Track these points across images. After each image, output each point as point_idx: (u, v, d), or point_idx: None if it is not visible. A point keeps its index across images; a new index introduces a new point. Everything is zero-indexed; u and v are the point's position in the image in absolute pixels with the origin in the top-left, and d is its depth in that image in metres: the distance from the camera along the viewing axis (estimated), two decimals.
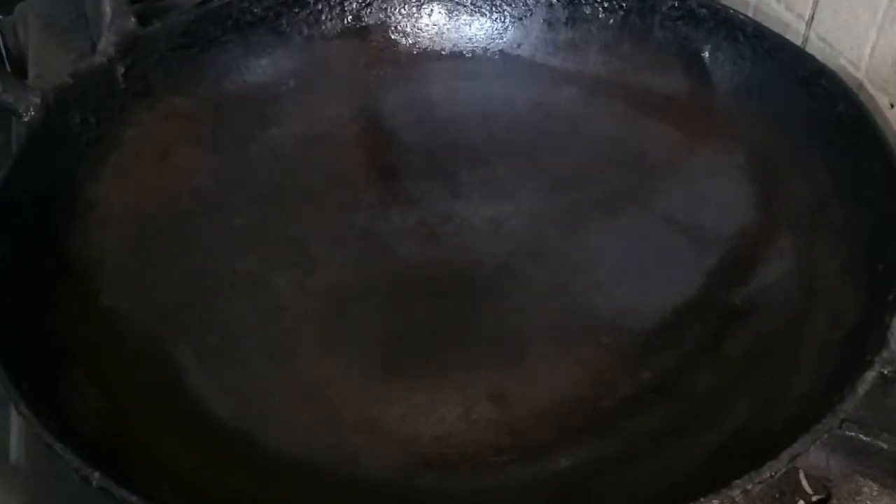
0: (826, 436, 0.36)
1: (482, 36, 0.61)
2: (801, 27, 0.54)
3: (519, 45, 0.60)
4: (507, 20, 0.60)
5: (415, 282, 0.54)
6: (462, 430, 0.48)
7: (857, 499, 0.41)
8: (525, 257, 0.55)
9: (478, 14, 0.61)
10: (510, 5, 0.60)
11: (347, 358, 0.50)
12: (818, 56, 0.51)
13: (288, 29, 0.59)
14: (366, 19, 0.60)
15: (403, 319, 0.52)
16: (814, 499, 0.42)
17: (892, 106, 0.48)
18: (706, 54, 0.55)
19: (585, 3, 0.58)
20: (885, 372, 0.38)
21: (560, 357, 0.50)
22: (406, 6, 0.61)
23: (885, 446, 0.38)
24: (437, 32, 0.61)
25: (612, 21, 0.57)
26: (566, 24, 0.59)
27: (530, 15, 0.60)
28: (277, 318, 0.52)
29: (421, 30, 0.61)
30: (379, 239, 0.55)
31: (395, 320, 0.51)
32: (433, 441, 0.47)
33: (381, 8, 0.60)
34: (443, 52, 0.61)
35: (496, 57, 0.61)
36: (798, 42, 0.53)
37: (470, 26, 0.61)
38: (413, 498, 0.45)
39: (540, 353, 0.51)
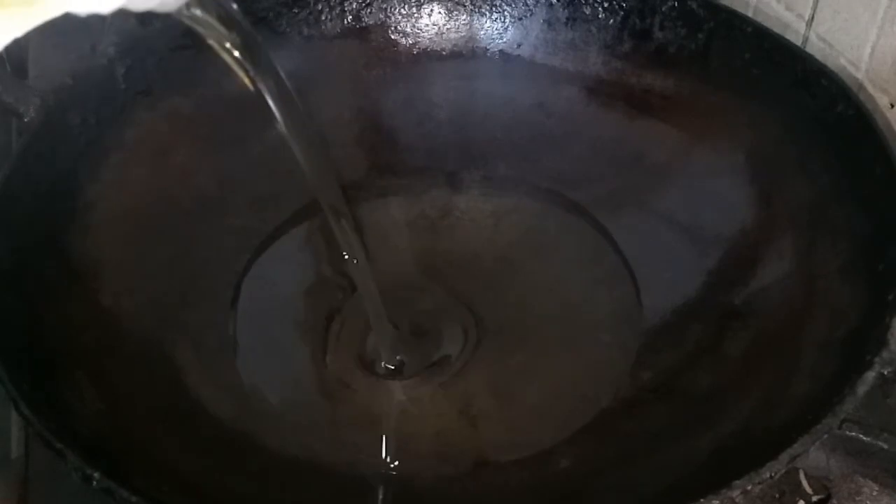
0: (826, 436, 0.36)
1: (482, 36, 0.61)
2: (801, 27, 0.54)
3: (519, 45, 0.60)
4: (507, 20, 0.60)
5: (414, 275, 0.54)
6: (462, 429, 0.48)
7: (857, 499, 0.41)
8: (525, 252, 0.55)
9: (478, 14, 0.61)
10: (510, 5, 0.60)
11: (347, 356, 0.50)
12: (818, 56, 0.51)
13: (288, 29, 0.59)
14: (366, 19, 0.60)
15: (403, 316, 0.52)
16: (814, 499, 0.42)
17: (892, 106, 0.48)
18: (705, 54, 0.55)
19: (585, 3, 0.58)
20: (885, 372, 0.38)
21: (560, 356, 0.50)
22: (406, 6, 0.61)
23: (885, 446, 0.38)
24: (437, 32, 0.61)
25: (612, 21, 0.57)
26: (566, 24, 0.59)
27: (530, 15, 0.59)
28: (277, 318, 0.52)
29: (421, 30, 0.61)
30: (379, 233, 0.55)
31: (394, 317, 0.51)
32: (433, 439, 0.47)
33: (381, 8, 0.60)
34: (443, 52, 0.61)
35: (496, 57, 0.61)
36: (798, 42, 0.53)
37: (470, 26, 0.61)
38: (413, 498, 0.45)
39: (540, 352, 0.51)
